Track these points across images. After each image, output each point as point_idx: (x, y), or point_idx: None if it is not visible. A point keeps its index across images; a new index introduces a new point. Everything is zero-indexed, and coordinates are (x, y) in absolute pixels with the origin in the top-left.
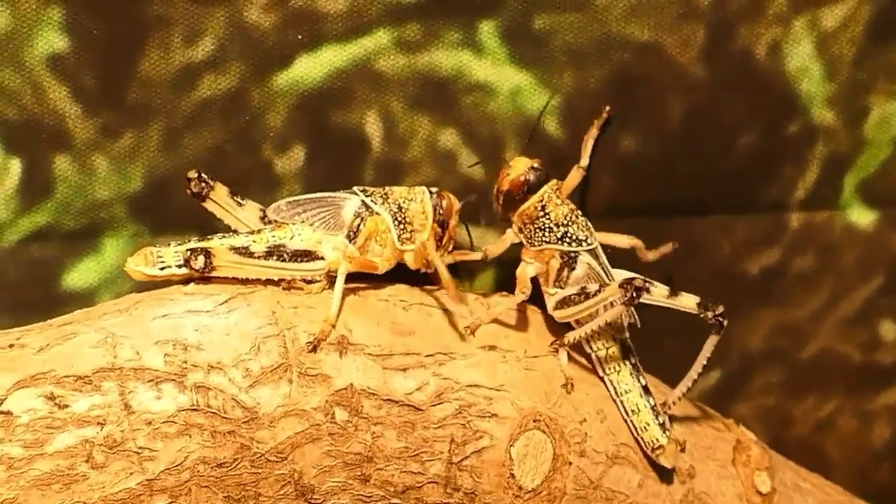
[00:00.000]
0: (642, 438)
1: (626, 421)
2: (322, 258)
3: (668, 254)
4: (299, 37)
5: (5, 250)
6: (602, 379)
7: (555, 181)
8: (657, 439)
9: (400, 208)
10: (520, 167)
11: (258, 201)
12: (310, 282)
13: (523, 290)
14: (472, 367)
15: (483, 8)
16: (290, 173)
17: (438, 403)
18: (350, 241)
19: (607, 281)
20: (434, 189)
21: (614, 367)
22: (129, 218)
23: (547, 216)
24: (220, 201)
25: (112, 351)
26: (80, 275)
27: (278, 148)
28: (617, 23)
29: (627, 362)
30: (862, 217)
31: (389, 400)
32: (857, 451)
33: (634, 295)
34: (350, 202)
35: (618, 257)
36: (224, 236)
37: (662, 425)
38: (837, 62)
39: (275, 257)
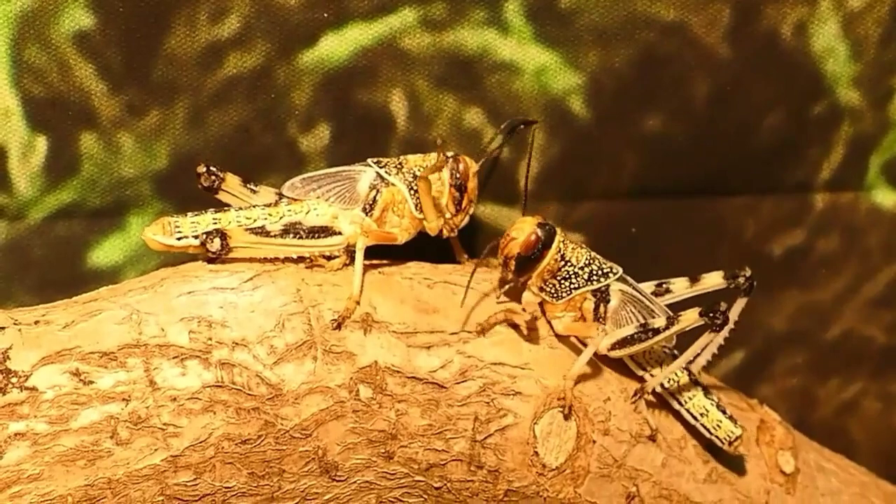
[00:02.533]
0: (717, 437)
1: (694, 426)
2: (339, 233)
3: None
4: (325, 15)
5: (31, 228)
6: (663, 395)
7: (560, 229)
8: (732, 432)
9: (415, 177)
10: (527, 227)
11: (283, 180)
12: (330, 258)
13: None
14: (497, 345)
15: None
16: (315, 152)
17: (462, 381)
18: (367, 215)
19: (643, 300)
20: (450, 153)
21: (673, 379)
22: (154, 195)
23: (569, 263)
24: (233, 191)
25: (137, 327)
26: (105, 252)
27: (303, 126)
28: (643, 2)
29: (682, 372)
30: (887, 198)
31: (413, 377)
32: (880, 433)
33: (721, 320)
34: (365, 174)
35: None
36: (240, 208)
37: (731, 417)
38: (863, 42)
39: (291, 235)
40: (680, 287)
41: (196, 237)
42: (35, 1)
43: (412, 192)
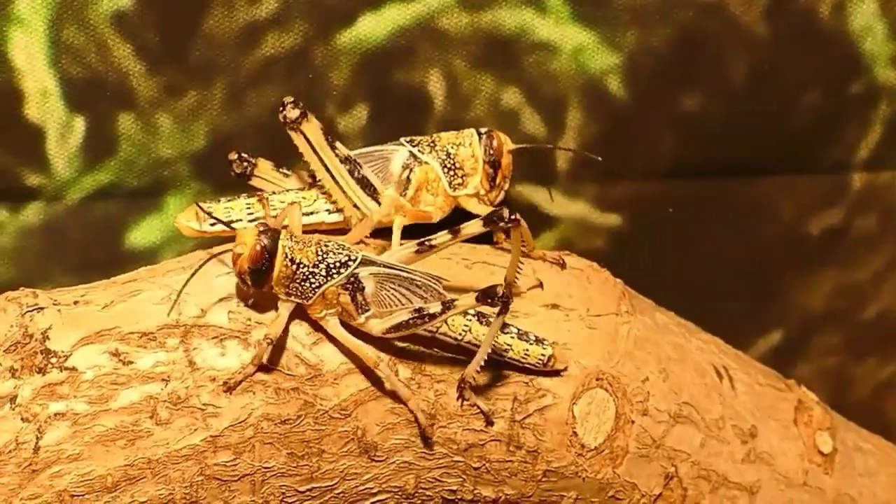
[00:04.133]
0: (531, 364)
1: (506, 363)
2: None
3: None
4: None
5: (69, 209)
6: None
7: (284, 231)
8: (543, 354)
9: (448, 154)
10: (249, 238)
11: None
12: None
13: (375, 363)
14: (535, 326)
15: None
16: (353, 132)
17: None
18: (401, 195)
19: (401, 273)
20: (483, 129)
21: (463, 332)
22: (192, 176)
23: (301, 265)
24: (265, 176)
25: (176, 308)
26: (143, 233)
27: (341, 106)
28: None
29: (470, 317)
30: None
31: (453, 358)
32: None
33: (503, 301)
34: (398, 154)
35: None
36: (273, 193)
37: (537, 340)
38: None
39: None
40: (443, 240)
41: (229, 223)
42: None
43: (446, 170)
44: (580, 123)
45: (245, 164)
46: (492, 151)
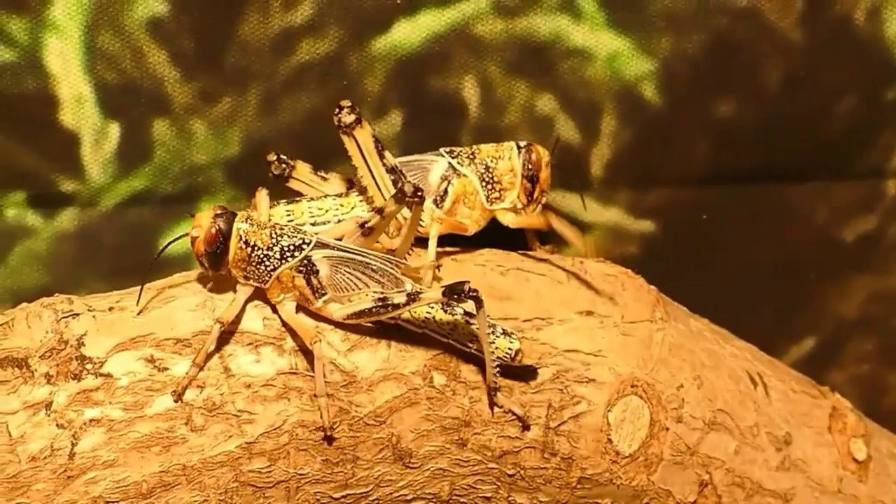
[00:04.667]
0: (497, 357)
1: (474, 354)
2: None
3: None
4: (398, 1)
5: (103, 215)
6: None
7: (242, 212)
8: (510, 347)
9: (487, 168)
10: (205, 222)
11: (354, 167)
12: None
13: (313, 339)
14: (570, 333)
15: None
16: (388, 138)
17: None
18: (437, 206)
19: (355, 256)
20: (522, 143)
21: (427, 316)
22: (226, 182)
23: (256, 248)
24: (303, 178)
25: (211, 314)
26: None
27: (376, 113)
28: None
29: (436, 309)
30: None
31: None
32: None
33: (472, 295)
34: (437, 164)
35: None
36: (312, 199)
37: (504, 332)
38: None
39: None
40: (376, 221)
41: None
42: None
43: (484, 183)
44: (614, 130)
45: (284, 165)
46: (530, 166)
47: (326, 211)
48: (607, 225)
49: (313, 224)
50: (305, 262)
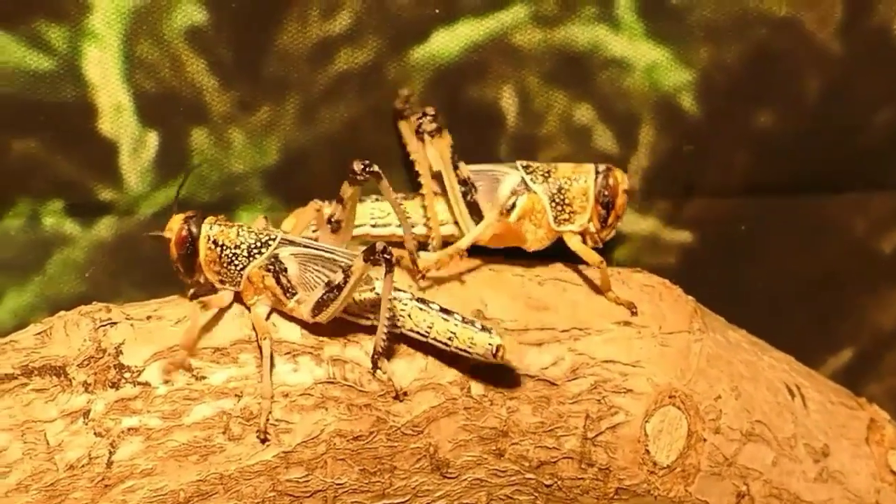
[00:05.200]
0: (479, 354)
1: (451, 352)
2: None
3: None
4: (436, 11)
5: (141, 223)
6: (401, 336)
7: (210, 217)
8: (490, 343)
9: (560, 189)
10: (175, 226)
11: (390, 176)
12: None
13: (265, 335)
14: (608, 343)
15: None
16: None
17: (574, 379)
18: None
19: (323, 254)
20: (602, 167)
21: (401, 316)
22: (263, 191)
23: (224, 247)
24: (404, 132)
25: (249, 323)
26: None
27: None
28: None
29: (407, 302)
30: None
31: (525, 374)
32: None
33: (386, 258)
34: (509, 177)
35: None
36: (376, 199)
37: (484, 329)
38: None
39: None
40: (340, 213)
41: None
42: None
43: (553, 204)
44: (653, 140)
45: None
46: (606, 192)
47: (388, 214)
48: (645, 235)
49: (373, 226)
50: (274, 260)
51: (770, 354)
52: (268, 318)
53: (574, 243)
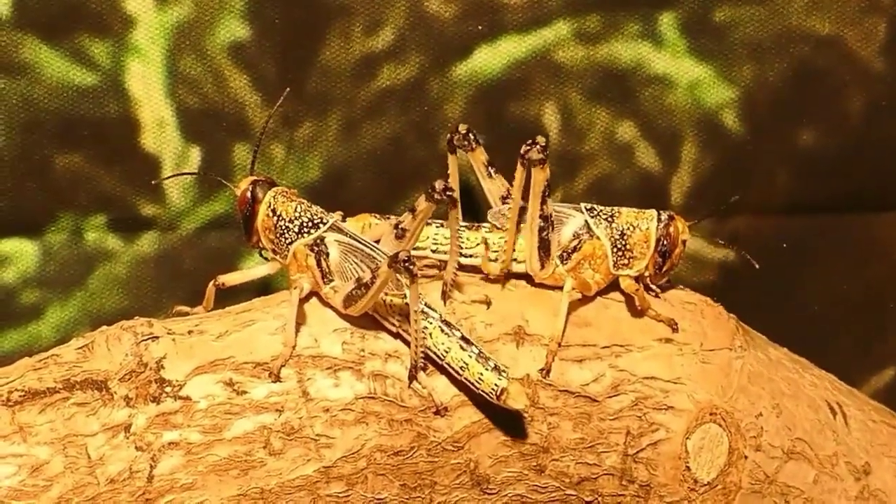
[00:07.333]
0: (483, 391)
1: (461, 381)
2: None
3: None
4: (479, 27)
5: (183, 239)
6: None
7: (281, 188)
8: (496, 385)
9: (622, 234)
10: (243, 185)
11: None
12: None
13: (296, 285)
14: (649, 360)
15: (663, 0)
16: (468, 164)
17: (615, 395)
18: (561, 262)
19: (364, 249)
20: (665, 215)
21: (425, 333)
22: None
23: (281, 218)
24: (475, 163)
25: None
26: (257, 263)
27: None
28: (798, 16)
29: (433, 321)
30: None
31: (566, 391)
32: None
33: (408, 267)
34: (573, 220)
35: None
36: (441, 225)
37: (496, 368)
38: None
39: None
40: (408, 223)
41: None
42: (191, 12)
43: (615, 250)
44: (695, 158)
45: (467, 143)
46: (665, 241)
47: (449, 241)
48: (687, 252)
49: (434, 251)
50: (319, 241)
51: (811, 372)
52: (307, 300)
53: (628, 285)
